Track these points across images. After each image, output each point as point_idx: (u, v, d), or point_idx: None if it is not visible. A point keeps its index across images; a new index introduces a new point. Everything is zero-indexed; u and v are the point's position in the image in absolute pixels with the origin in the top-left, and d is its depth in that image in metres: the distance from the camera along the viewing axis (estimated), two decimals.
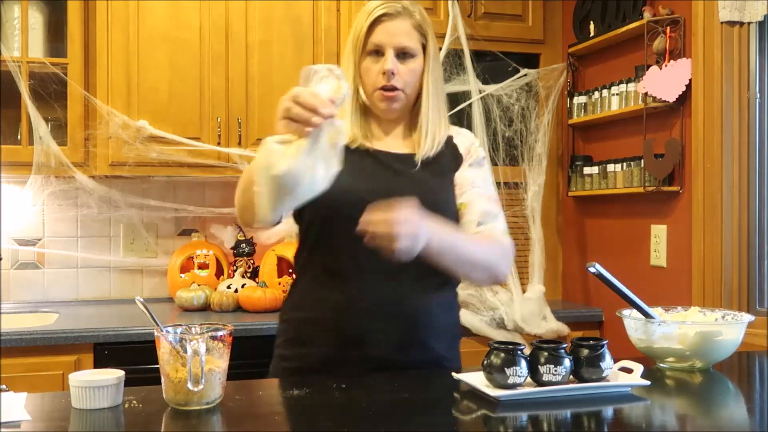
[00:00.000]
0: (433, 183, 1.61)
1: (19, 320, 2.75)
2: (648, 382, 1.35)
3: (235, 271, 3.00)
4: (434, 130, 1.64)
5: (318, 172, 1.27)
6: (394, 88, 1.58)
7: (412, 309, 1.56)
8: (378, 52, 1.59)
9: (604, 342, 1.34)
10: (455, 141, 1.70)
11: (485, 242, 1.58)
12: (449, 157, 1.66)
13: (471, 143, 1.71)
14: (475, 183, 1.66)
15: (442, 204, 1.59)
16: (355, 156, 1.57)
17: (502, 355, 1.28)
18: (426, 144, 1.62)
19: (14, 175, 2.80)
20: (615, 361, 1.39)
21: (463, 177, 1.66)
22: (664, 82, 2.56)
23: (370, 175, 1.59)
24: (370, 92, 1.61)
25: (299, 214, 1.61)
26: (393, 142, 1.65)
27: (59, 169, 2.74)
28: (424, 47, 1.62)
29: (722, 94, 2.42)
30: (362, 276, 1.54)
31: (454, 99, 3.03)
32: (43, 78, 2.77)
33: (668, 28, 2.59)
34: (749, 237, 2.43)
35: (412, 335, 1.56)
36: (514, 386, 1.28)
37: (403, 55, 1.58)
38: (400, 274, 1.51)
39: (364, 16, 1.60)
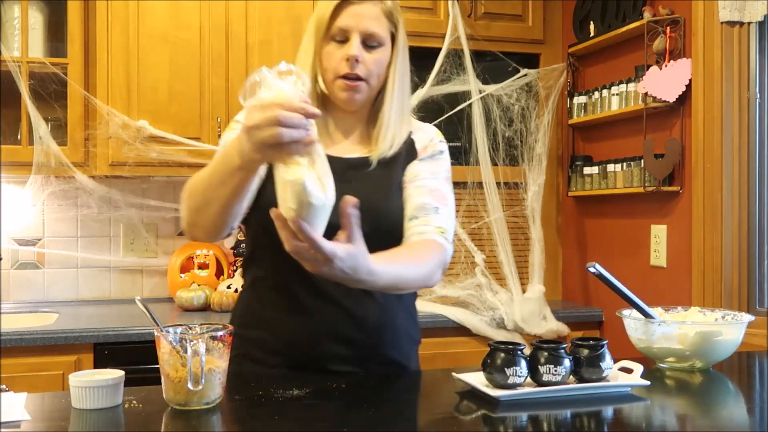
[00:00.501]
0: (382, 186, 1.49)
1: (19, 320, 2.75)
2: (648, 382, 1.35)
3: (235, 271, 3.00)
4: (395, 130, 1.51)
5: (329, 181, 1.12)
6: (357, 78, 1.45)
7: (372, 326, 1.48)
8: (342, 38, 1.45)
9: (604, 342, 1.34)
10: (414, 137, 1.57)
11: (416, 258, 1.40)
12: (404, 156, 1.53)
13: (430, 139, 1.57)
14: (419, 176, 1.51)
15: (391, 209, 1.48)
16: None
17: (502, 355, 1.28)
18: (384, 144, 1.50)
19: (14, 175, 2.80)
20: (615, 361, 1.39)
21: (410, 173, 1.52)
22: (664, 82, 2.56)
23: None
24: (331, 80, 1.47)
25: (245, 219, 1.48)
26: (348, 142, 1.54)
27: (59, 169, 2.74)
28: (393, 37, 1.49)
29: (722, 94, 2.42)
30: (316, 298, 1.45)
31: (454, 99, 3.04)
32: (43, 78, 2.77)
33: (668, 28, 2.59)
34: (749, 237, 2.43)
35: (372, 350, 1.50)
36: (514, 386, 1.28)
37: (369, 42, 1.45)
38: (357, 291, 1.41)
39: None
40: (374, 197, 1.44)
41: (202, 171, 1.29)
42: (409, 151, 1.54)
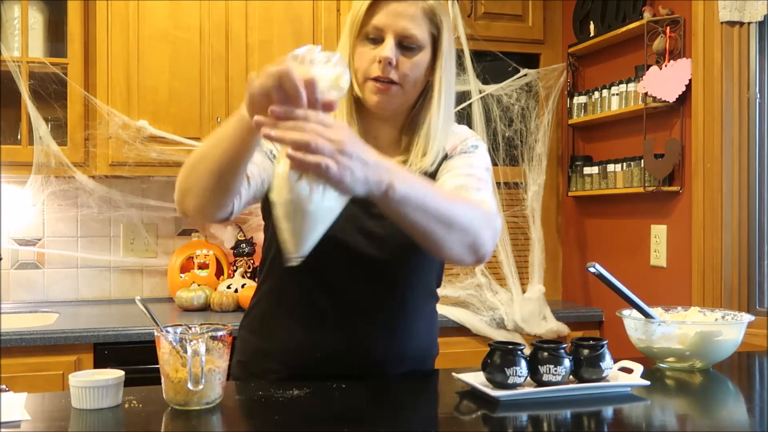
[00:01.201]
0: None
1: (19, 320, 2.75)
2: (648, 382, 1.35)
3: (235, 271, 3.00)
4: (441, 143, 1.41)
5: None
6: (389, 81, 1.35)
7: (395, 338, 1.41)
8: (377, 37, 1.35)
9: (604, 342, 1.34)
10: (447, 145, 1.46)
11: (463, 201, 1.29)
12: (437, 166, 1.43)
13: (461, 140, 1.46)
14: (455, 170, 1.40)
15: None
16: None
17: (502, 355, 1.28)
18: (429, 157, 1.39)
19: (14, 175, 2.80)
20: (615, 361, 1.39)
21: (442, 171, 1.42)
22: (664, 82, 2.56)
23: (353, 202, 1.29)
24: (362, 81, 1.37)
25: (265, 208, 1.41)
26: (379, 150, 1.40)
27: (59, 169, 2.74)
28: (435, 40, 1.38)
29: (722, 94, 2.42)
30: (324, 319, 1.39)
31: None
32: (43, 78, 2.77)
33: (668, 28, 2.59)
34: (749, 237, 2.43)
35: (370, 372, 1.42)
36: (514, 386, 1.28)
37: (406, 44, 1.35)
38: (379, 299, 1.37)
39: None
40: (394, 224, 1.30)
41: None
42: (441, 159, 1.44)
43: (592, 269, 1.51)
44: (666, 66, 2.56)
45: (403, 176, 1.10)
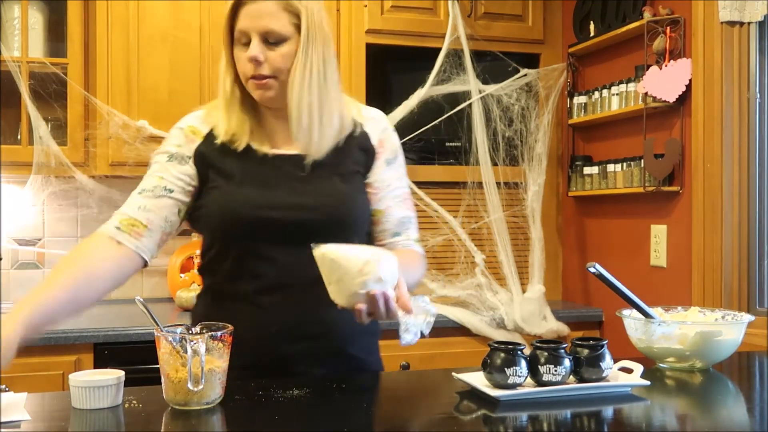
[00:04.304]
0: (342, 188, 1.50)
1: None
2: (648, 382, 1.35)
3: None
4: (312, 124, 1.47)
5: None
6: (263, 77, 1.45)
7: (325, 324, 1.48)
8: (246, 40, 1.45)
9: (604, 342, 1.34)
10: (366, 129, 1.56)
11: (413, 263, 1.54)
12: (358, 152, 1.53)
13: (383, 129, 1.58)
14: (392, 185, 1.56)
15: (356, 212, 1.51)
16: (247, 162, 1.48)
17: (502, 355, 1.28)
18: (312, 141, 1.48)
19: (14, 175, 2.80)
20: (615, 361, 1.39)
21: (379, 179, 1.55)
22: (664, 82, 2.56)
23: (269, 184, 1.47)
24: (245, 82, 1.48)
25: (197, 223, 1.55)
26: (286, 140, 1.53)
27: (59, 169, 2.74)
28: (299, 28, 1.46)
29: (722, 94, 2.42)
30: (267, 299, 1.47)
31: (454, 99, 3.04)
32: (43, 78, 2.77)
33: (668, 28, 2.59)
34: (749, 237, 2.43)
35: (330, 349, 1.50)
36: (514, 386, 1.28)
37: (271, 39, 1.44)
38: (305, 293, 1.44)
39: (230, 2, 1.46)
40: (337, 194, 1.48)
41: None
42: (363, 147, 1.54)
43: (592, 269, 1.51)
44: (666, 66, 2.56)
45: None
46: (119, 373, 1.24)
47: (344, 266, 1.24)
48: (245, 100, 1.51)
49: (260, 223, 1.45)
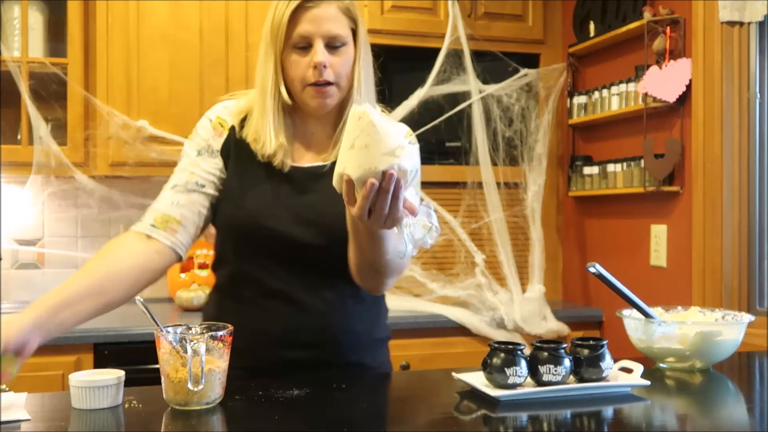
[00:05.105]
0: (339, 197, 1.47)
1: None
2: (648, 382, 1.35)
3: None
4: None
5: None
6: (327, 83, 1.42)
7: (324, 333, 1.48)
8: (305, 44, 1.41)
9: (604, 342, 1.34)
10: None
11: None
12: None
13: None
14: None
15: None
16: (263, 171, 1.48)
17: (502, 355, 1.28)
18: None
19: (14, 175, 2.80)
20: (615, 361, 1.39)
21: None
22: (664, 82, 2.56)
23: (278, 198, 1.48)
24: (299, 89, 1.44)
25: (215, 223, 1.55)
26: (318, 148, 1.52)
27: (59, 169, 2.74)
28: (354, 32, 1.46)
29: (722, 94, 2.42)
30: (265, 304, 1.48)
31: (454, 99, 3.03)
32: (43, 78, 2.77)
33: (668, 28, 2.59)
34: (749, 237, 2.43)
35: (329, 356, 1.50)
36: (514, 386, 1.28)
37: (333, 44, 1.42)
38: (304, 301, 1.46)
39: (284, 4, 1.41)
40: (329, 209, 1.42)
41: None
42: None
43: (592, 269, 1.51)
44: (666, 66, 2.56)
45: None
46: (119, 373, 1.23)
47: (379, 138, 1.13)
48: (287, 107, 1.48)
49: (260, 235, 1.46)
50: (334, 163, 1.27)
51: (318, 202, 1.45)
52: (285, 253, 1.47)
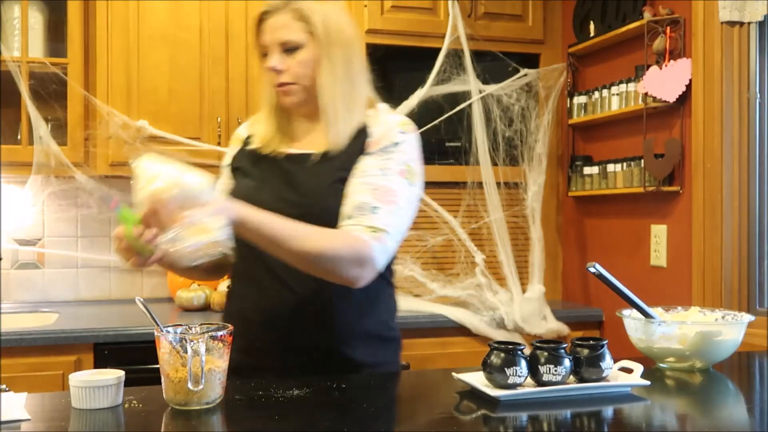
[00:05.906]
0: (319, 180, 1.54)
1: (19, 320, 2.75)
2: (648, 382, 1.35)
3: None
4: (339, 122, 1.55)
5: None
6: (284, 84, 1.56)
7: (313, 316, 1.52)
8: (266, 52, 1.58)
9: (604, 342, 1.34)
10: (371, 129, 1.57)
11: (329, 240, 1.42)
12: (356, 149, 1.55)
13: (387, 130, 1.57)
14: (366, 172, 1.52)
15: (327, 205, 1.51)
16: (259, 161, 1.61)
17: (502, 355, 1.28)
18: (332, 137, 1.55)
19: (14, 175, 2.80)
20: (615, 361, 1.39)
21: (357, 169, 1.53)
22: (664, 82, 2.56)
23: (267, 182, 1.58)
24: (274, 90, 1.60)
25: None
26: (306, 142, 1.61)
27: (59, 169, 2.74)
28: (314, 35, 1.55)
29: (722, 94, 2.42)
30: (254, 286, 1.56)
31: (454, 99, 3.03)
32: (43, 78, 2.77)
33: (668, 28, 2.59)
34: (749, 237, 2.43)
35: (321, 343, 1.52)
36: (514, 386, 1.28)
37: (287, 48, 1.55)
38: (293, 281, 1.51)
39: (254, 17, 1.60)
40: (308, 191, 1.53)
41: None
42: (358, 146, 1.55)
43: (592, 269, 1.51)
44: (666, 66, 2.56)
45: (255, 215, 1.37)
46: (119, 373, 1.24)
47: (140, 176, 1.42)
48: (278, 105, 1.62)
49: None
50: (310, 153, 1.54)
51: (301, 184, 1.55)
52: None
